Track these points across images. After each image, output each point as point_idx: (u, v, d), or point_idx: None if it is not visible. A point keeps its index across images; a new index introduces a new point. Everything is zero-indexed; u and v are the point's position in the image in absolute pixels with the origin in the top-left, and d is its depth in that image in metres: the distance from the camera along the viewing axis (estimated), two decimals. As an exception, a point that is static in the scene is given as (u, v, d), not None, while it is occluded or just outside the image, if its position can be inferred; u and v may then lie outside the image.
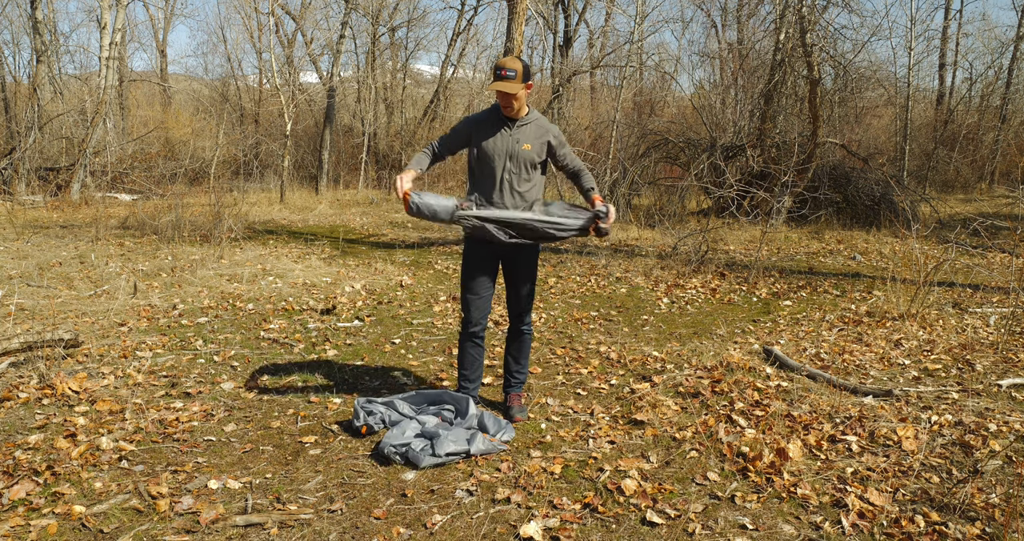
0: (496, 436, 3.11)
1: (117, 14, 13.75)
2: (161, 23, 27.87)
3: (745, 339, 4.94)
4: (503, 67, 3.04)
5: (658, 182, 12.91)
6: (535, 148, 3.21)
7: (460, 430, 3.07)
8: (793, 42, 11.47)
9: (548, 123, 3.29)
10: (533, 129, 3.22)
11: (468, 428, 3.13)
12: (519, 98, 3.10)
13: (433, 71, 25.55)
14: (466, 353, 3.43)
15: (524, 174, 3.20)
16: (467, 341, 3.41)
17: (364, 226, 11.45)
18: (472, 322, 3.35)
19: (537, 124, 3.24)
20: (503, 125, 3.20)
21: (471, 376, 3.46)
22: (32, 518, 2.46)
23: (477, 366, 3.46)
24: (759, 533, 2.42)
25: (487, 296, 3.34)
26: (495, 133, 3.19)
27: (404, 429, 3.07)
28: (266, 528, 2.45)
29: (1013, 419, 3.35)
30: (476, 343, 3.41)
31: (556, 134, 3.28)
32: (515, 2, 8.73)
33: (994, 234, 9.66)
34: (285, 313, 5.54)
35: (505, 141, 3.18)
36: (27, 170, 13.33)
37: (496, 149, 3.18)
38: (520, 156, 3.17)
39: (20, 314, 5.12)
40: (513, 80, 3.04)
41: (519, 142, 3.18)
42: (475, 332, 3.38)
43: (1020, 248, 7.21)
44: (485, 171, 3.21)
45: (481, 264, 3.30)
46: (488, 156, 3.18)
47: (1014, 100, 18.45)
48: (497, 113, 3.22)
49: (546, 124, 3.27)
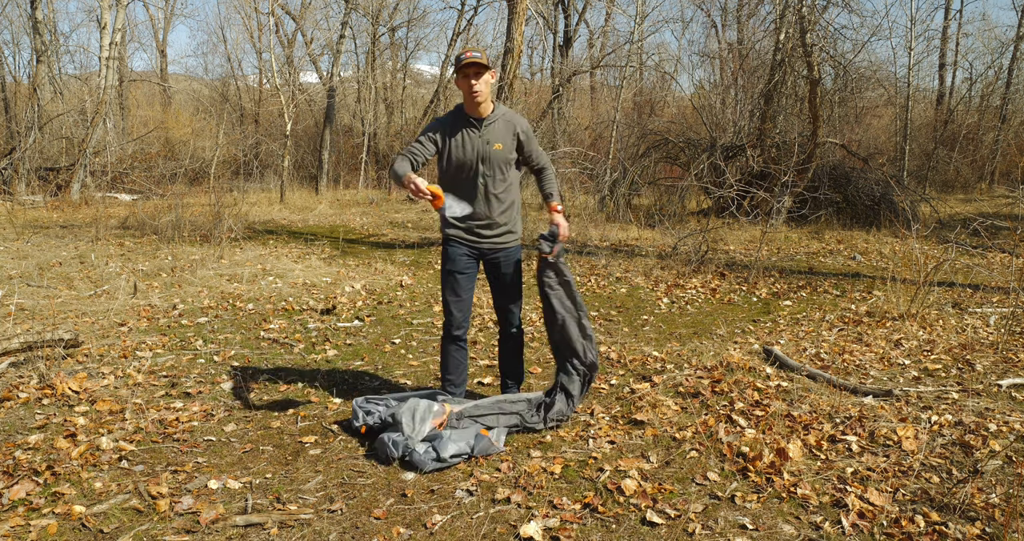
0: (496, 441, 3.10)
1: (117, 14, 13.74)
2: (161, 23, 27.90)
3: (745, 339, 4.94)
4: (466, 51, 2.97)
5: (658, 182, 12.91)
6: (507, 146, 3.12)
7: (461, 431, 3.06)
8: (793, 42, 11.47)
9: (515, 115, 3.19)
10: (501, 126, 3.11)
11: (466, 428, 3.13)
12: (487, 83, 3.00)
13: (433, 71, 25.57)
14: (449, 357, 3.35)
15: (499, 175, 3.13)
16: (450, 344, 3.33)
17: (364, 226, 11.45)
18: (454, 324, 3.28)
19: (504, 120, 3.13)
20: (469, 127, 3.08)
21: (456, 381, 3.39)
22: (32, 518, 2.46)
23: (462, 370, 3.40)
24: (759, 533, 2.42)
25: (468, 297, 3.28)
26: (464, 137, 3.08)
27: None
28: (266, 528, 2.45)
29: (1013, 419, 3.35)
30: (460, 346, 3.34)
31: (524, 127, 3.18)
32: (515, 2, 8.73)
33: (994, 234, 9.66)
34: (285, 313, 5.54)
35: (475, 144, 3.07)
36: (27, 170, 13.33)
37: (467, 154, 3.08)
38: (493, 158, 3.09)
39: (20, 314, 5.12)
40: (480, 59, 2.95)
41: (489, 143, 3.08)
42: (458, 335, 3.31)
43: (1020, 248, 7.21)
44: (459, 178, 3.12)
45: (461, 265, 3.23)
46: (460, 163, 3.09)
47: (1014, 100, 18.45)
48: (461, 115, 3.10)
49: (513, 117, 3.17)
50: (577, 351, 3.25)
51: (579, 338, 3.25)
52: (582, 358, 3.26)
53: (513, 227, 3.28)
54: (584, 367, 3.28)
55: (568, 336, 3.23)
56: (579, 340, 3.24)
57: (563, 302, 3.24)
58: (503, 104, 3.19)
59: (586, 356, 3.26)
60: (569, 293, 3.25)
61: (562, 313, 3.22)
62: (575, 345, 3.24)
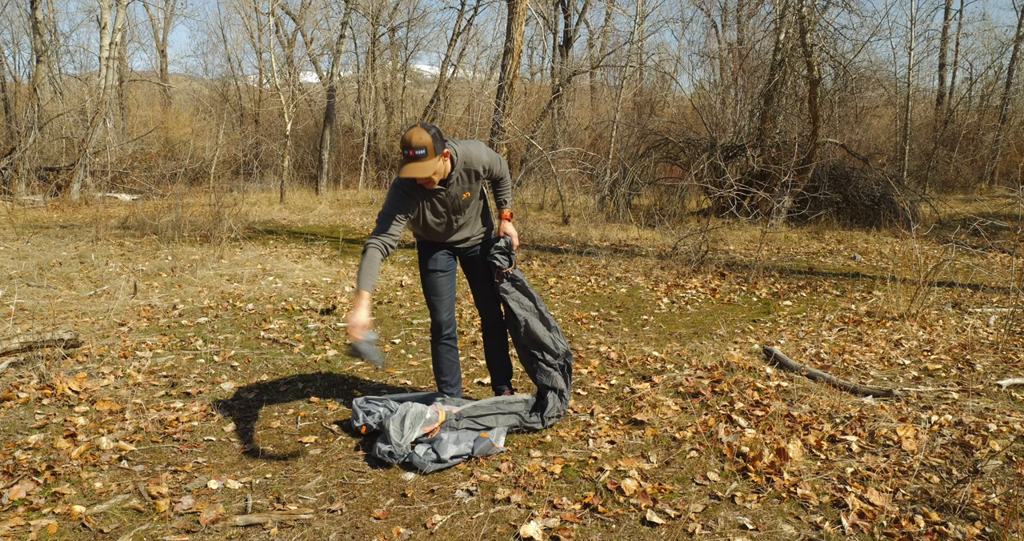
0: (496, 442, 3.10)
1: (117, 14, 13.75)
2: (161, 23, 27.90)
3: (745, 339, 4.94)
4: (409, 146, 2.71)
5: (658, 182, 12.92)
6: (474, 190, 3.09)
7: (461, 432, 3.06)
8: (793, 42, 11.47)
9: (469, 154, 2.99)
10: (463, 176, 3.00)
11: (467, 429, 3.13)
12: (438, 171, 2.85)
13: (433, 71, 25.57)
14: (442, 358, 3.35)
15: (470, 210, 3.16)
16: (440, 345, 3.33)
17: (364, 226, 11.45)
18: (443, 324, 3.28)
19: (464, 168, 2.98)
20: (435, 193, 2.98)
21: (451, 381, 3.40)
22: (32, 518, 2.46)
23: (455, 370, 3.40)
24: (759, 533, 2.42)
25: (450, 295, 3.28)
26: (433, 202, 3.01)
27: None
28: (266, 528, 2.45)
29: (1013, 419, 3.35)
30: (450, 346, 3.35)
31: (484, 163, 3.03)
32: (515, 2, 8.73)
33: (994, 234, 9.66)
34: (285, 313, 5.54)
35: (445, 202, 3.03)
36: (27, 170, 13.33)
37: (440, 213, 3.05)
38: (463, 204, 3.08)
39: (20, 314, 5.12)
40: (425, 158, 2.73)
41: (458, 196, 3.03)
42: (448, 334, 3.31)
43: (1020, 248, 7.20)
44: (431, 229, 3.12)
45: (441, 264, 3.23)
46: (434, 220, 3.08)
47: (1014, 100, 18.46)
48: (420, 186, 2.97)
49: (469, 158, 2.98)
50: (547, 346, 3.22)
51: (545, 333, 3.22)
52: (554, 351, 3.23)
53: (484, 225, 3.29)
54: (558, 358, 3.25)
55: (535, 335, 3.20)
56: (546, 335, 3.22)
57: (521, 303, 3.22)
58: (457, 142, 3.01)
59: (557, 347, 3.24)
60: (524, 291, 3.23)
61: (523, 314, 3.20)
62: (544, 341, 3.21)
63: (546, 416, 3.25)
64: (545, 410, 3.25)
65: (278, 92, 15.79)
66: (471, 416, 3.16)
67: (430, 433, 3.03)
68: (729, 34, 21.32)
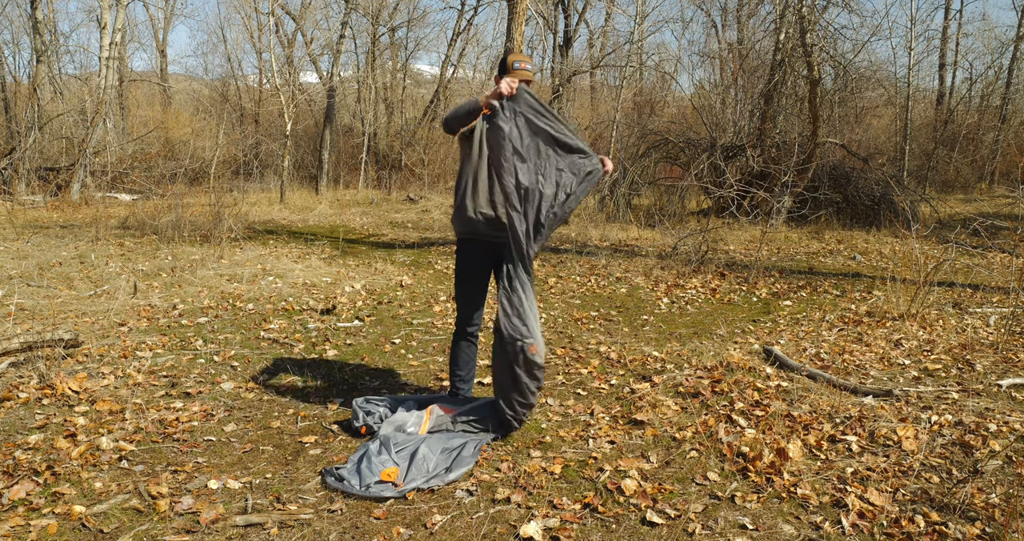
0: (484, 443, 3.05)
1: (117, 14, 13.75)
2: (161, 23, 27.90)
3: (745, 339, 4.94)
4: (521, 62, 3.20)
5: (658, 182, 12.91)
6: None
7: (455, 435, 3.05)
8: (793, 42, 11.47)
9: None
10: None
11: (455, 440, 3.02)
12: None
13: (433, 71, 25.57)
14: (461, 352, 3.39)
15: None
16: (462, 340, 3.38)
17: (364, 226, 11.45)
18: (469, 320, 3.33)
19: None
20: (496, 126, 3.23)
21: (465, 376, 3.43)
22: (32, 518, 2.46)
23: (472, 366, 3.43)
24: (759, 533, 2.42)
25: (482, 294, 3.32)
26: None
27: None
28: (266, 528, 2.45)
29: (1013, 419, 3.35)
30: (471, 342, 3.39)
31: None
32: (515, 2, 8.72)
33: (994, 234, 9.66)
34: (285, 313, 5.54)
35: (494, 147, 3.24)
36: (27, 170, 13.33)
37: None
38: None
39: (20, 314, 5.12)
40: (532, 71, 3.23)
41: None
42: (471, 331, 3.35)
43: (1020, 248, 7.20)
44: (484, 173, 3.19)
45: (475, 262, 3.27)
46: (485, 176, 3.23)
47: (1014, 100, 18.46)
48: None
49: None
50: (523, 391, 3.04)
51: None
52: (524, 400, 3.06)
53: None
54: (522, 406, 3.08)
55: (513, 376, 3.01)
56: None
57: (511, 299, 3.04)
58: None
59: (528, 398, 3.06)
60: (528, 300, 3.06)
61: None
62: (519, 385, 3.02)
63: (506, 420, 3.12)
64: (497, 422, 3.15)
65: (278, 92, 15.79)
66: (467, 418, 3.15)
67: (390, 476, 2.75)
68: (729, 34, 21.32)
